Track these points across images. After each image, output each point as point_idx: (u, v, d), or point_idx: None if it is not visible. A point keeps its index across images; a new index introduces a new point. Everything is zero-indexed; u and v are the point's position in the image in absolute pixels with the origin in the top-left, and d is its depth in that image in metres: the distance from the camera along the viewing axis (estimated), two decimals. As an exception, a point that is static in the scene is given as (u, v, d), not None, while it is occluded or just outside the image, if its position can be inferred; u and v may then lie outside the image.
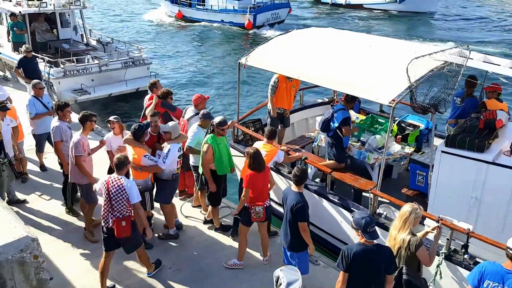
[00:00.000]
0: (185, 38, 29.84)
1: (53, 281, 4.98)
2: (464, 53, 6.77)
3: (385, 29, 33.18)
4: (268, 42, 8.98)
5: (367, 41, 8.38)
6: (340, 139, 8.08)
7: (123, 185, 6.05)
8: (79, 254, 7.39)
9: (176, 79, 20.91)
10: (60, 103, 8.20)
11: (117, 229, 6.05)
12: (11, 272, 4.08)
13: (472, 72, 8.06)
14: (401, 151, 8.49)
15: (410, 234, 5.17)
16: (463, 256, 6.02)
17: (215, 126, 7.34)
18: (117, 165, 6.16)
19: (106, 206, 6.13)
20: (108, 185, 6.07)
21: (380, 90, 6.67)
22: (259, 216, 6.80)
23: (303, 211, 6.01)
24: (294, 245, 6.24)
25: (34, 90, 9.54)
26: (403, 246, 5.16)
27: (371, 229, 4.76)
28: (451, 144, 6.49)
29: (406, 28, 33.88)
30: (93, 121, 7.60)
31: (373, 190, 6.95)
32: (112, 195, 6.04)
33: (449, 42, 24.26)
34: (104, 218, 6.17)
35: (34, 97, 9.47)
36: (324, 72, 7.67)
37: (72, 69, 14.82)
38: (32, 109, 9.33)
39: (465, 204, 6.47)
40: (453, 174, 6.50)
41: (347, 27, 31.61)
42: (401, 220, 5.24)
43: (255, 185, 6.66)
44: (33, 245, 4.23)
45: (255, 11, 31.00)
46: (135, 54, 16.39)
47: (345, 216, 7.38)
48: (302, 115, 10.59)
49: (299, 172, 6.12)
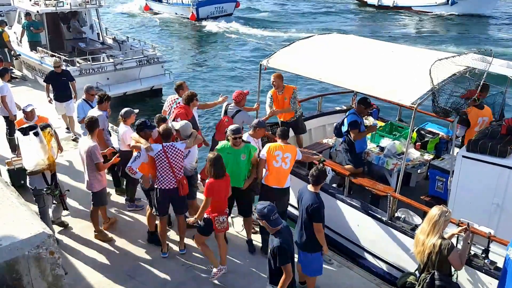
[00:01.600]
0: (150, 29, 32.38)
1: (67, 276, 4.97)
2: (486, 59, 6.65)
3: (436, 33, 30.93)
4: (290, 45, 8.99)
5: (389, 48, 8.38)
6: (352, 143, 7.94)
7: (179, 148, 6.83)
8: (93, 250, 7.43)
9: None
10: (102, 95, 8.49)
11: (184, 187, 6.91)
12: (27, 268, 4.08)
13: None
14: (420, 157, 8.38)
15: (440, 238, 4.99)
16: (483, 261, 5.89)
17: (228, 133, 6.93)
18: (164, 135, 6.85)
19: (166, 171, 6.80)
20: (166, 153, 6.72)
21: (403, 92, 6.62)
22: (223, 226, 6.51)
23: (319, 211, 5.89)
24: (308, 246, 6.12)
25: (86, 94, 9.34)
26: (434, 251, 4.97)
27: (274, 216, 5.07)
28: (472, 149, 6.36)
29: (459, 32, 30.96)
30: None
31: (392, 193, 6.84)
32: (172, 160, 6.75)
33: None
34: (164, 183, 6.84)
35: (84, 101, 9.30)
36: (346, 74, 7.64)
37: (88, 67, 14.93)
38: (80, 112, 9.15)
39: (486, 210, 6.33)
40: (474, 179, 6.37)
41: (395, 30, 30.69)
42: (429, 223, 5.04)
43: (217, 194, 6.31)
44: (49, 241, 4.23)
45: (198, 5, 33.69)
46: (150, 53, 16.43)
47: (363, 220, 7.26)
48: (319, 122, 10.52)
49: (316, 172, 5.93)
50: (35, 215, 4.63)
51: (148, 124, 7.14)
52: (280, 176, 6.97)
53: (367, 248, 7.46)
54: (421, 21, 34.65)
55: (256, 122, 7.49)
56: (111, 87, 15.02)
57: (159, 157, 6.76)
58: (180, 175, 6.90)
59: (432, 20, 34.95)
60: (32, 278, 4.14)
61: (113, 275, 6.85)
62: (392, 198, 6.85)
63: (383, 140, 8.70)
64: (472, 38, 28.92)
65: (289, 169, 7.03)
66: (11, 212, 4.48)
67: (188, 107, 8.11)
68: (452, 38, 28.81)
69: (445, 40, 28.05)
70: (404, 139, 8.65)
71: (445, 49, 21.63)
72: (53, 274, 4.28)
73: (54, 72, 11.31)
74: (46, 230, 4.29)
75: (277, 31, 30.86)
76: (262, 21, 34.20)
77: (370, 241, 7.39)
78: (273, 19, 35.24)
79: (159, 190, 6.90)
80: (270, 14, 37.21)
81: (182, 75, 20.65)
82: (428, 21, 34.66)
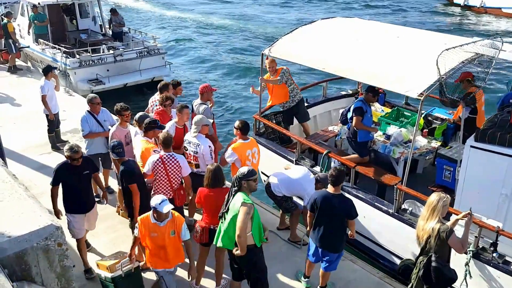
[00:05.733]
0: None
1: (75, 269, 4.98)
2: (496, 45, 6.55)
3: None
4: (292, 32, 8.81)
5: (394, 32, 8.19)
6: (355, 132, 7.88)
7: (177, 160, 6.58)
8: (100, 242, 7.44)
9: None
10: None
11: (179, 198, 6.72)
12: (36, 259, 4.13)
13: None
14: (428, 145, 8.27)
15: (439, 222, 5.09)
16: (492, 255, 5.86)
17: (241, 178, 5.48)
18: (165, 143, 6.57)
19: (164, 181, 6.61)
20: (164, 163, 6.54)
21: (409, 82, 6.51)
22: (196, 236, 6.14)
23: (355, 208, 5.96)
24: (340, 247, 6.12)
25: (90, 105, 8.26)
26: (433, 235, 5.09)
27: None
28: (481, 138, 6.29)
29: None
30: (123, 115, 7.60)
31: (398, 185, 6.79)
32: (169, 170, 6.55)
33: None
34: (163, 191, 6.62)
35: (88, 113, 8.21)
36: (351, 63, 7.52)
37: (88, 59, 14.84)
38: (85, 126, 8.11)
39: (494, 201, 6.26)
40: (482, 169, 6.30)
41: (480, 33, 25.40)
42: (429, 209, 5.18)
43: (208, 204, 5.99)
44: (57, 233, 4.27)
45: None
46: (150, 44, 16.33)
47: (370, 212, 7.22)
48: (325, 108, 10.38)
49: (336, 172, 5.88)
50: (43, 207, 4.64)
51: (159, 124, 7.09)
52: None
53: (374, 239, 7.43)
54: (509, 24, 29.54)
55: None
56: (110, 79, 14.94)
57: (157, 167, 6.57)
58: (176, 185, 6.70)
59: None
60: (40, 269, 4.18)
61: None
62: (399, 191, 6.80)
63: (389, 128, 8.56)
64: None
65: (258, 161, 7.20)
66: (20, 205, 4.50)
67: (164, 112, 7.97)
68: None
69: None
70: (411, 126, 8.52)
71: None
72: (61, 266, 4.33)
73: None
74: (54, 222, 4.33)
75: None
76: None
77: (377, 233, 7.35)
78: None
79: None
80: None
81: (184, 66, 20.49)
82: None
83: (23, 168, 9.45)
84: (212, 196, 5.91)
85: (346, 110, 8.05)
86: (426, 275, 5.15)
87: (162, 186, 6.66)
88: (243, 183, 5.40)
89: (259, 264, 5.64)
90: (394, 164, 8.10)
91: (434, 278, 5.10)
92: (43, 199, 7.07)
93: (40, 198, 6.14)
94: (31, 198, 4.66)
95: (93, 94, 8.70)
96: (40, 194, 7.68)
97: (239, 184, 5.42)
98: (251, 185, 5.44)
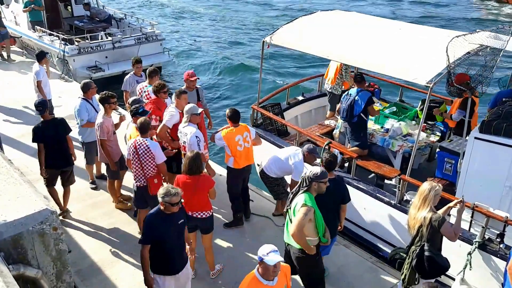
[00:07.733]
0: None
1: (71, 254, 5.04)
2: (501, 37, 6.46)
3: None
4: (292, 21, 8.73)
5: (395, 25, 8.15)
6: (365, 123, 7.87)
7: (149, 147, 6.34)
8: (96, 228, 7.42)
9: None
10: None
11: (151, 187, 6.43)
12: (31, 243, 4.20)
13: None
14: (426, 139, 8.26)
15: (431, 211, 5.08)
16: (499, 246, 5.78)
17: (313, 179, 5.28)
18: (141, 128, 6.35)
19: (137, 167, 6.45)
20: (136, 147, 6.35)
21: (417, 70, 6.41)
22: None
23: (347, 191, 6.02)
24: (333, 232, 5.98)
25: (88, 91, 7.98)
26: (424, 224, 5.09)
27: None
28: (485, 130, 6.19)
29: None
30: (111, 103, 7.37)
31: (402, 176, 6.72)
32: (141, 156, 6.36)
33: None
34: (137, 178, 6.53)
35: (84, 100, 7.95)
36: (355, 52, 7.45)
37: (86, 46, 14.67)
38: (84, 115, 7.87)
39: (497, 193, 6.18)
40: (486, 161, 6.21)
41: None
42: (420, 198, 5.18)
43: (185, 190, 5.75)
44: (52, 218, 4.35)
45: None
46: (148, 30, 16.15)
47: (371, 203, 7.15)
48: (320, 103, 10.42)
49: (330, 157, 5.94)
50: (38, 192, 4.65)
51: (140, 111, 6.82)
52: (248, 155, 7.15)
53: (374, 231, 7.35)
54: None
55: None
56: (109, 66, 14.76)
57: (130, 152, 6.45)
58: (150, 173, 6.46)
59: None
60: (36, 252, 4.28)
61: (115, 253, 6.88)
62: (402, 181, 6.72)
63: (388, 121, 8.56)
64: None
65: (251, 145, 7.16)
66: (15, 189, 4.55)
67: (159, 99, 7.72)
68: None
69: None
70: (409, 120, 8.52)
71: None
72: (56, 249, 4.44)
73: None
74: (49, 207, 4.40)
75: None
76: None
77: (377, 225, 7.27)
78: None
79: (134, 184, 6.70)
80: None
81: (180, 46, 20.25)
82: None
83: (19, 154, 9.34)
84: (189, 183, 5.81)
85: (350, 105, 7.86)
86: (419, 264, 5.17)
87: (135, 172, 6.52)
88: (313, 184, 5.23)
89: (314, 275, 5.68)
90: (391, 157, 8.05)
91: (427, 267, 5.12)
92: (39, 184, 7.12)
93: (35, 183, 6.21)
94: (26, 183, 4.69)
95: (88, 80, 8.57)
96: (35, 179, 7.64)
97: (309, 185, 5.25)
98: (321, 187, 5.27)
